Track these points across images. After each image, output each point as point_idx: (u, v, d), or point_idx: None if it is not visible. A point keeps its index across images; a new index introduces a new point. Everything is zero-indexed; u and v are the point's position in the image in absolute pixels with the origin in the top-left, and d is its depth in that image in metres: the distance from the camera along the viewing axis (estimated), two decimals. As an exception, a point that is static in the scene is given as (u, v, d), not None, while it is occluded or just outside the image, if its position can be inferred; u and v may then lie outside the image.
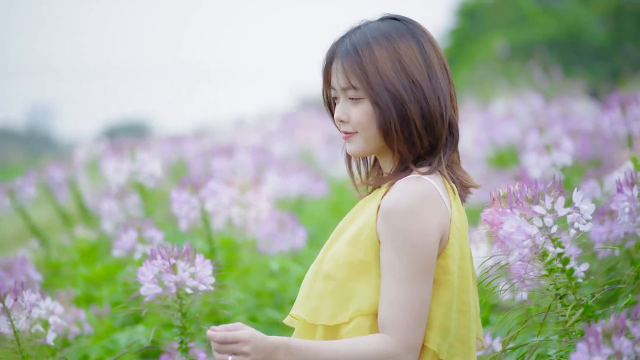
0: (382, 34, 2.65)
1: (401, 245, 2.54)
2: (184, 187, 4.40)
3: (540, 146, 4.77)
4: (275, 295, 4.88)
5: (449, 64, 2.73)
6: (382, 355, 2.54)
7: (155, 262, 3.18)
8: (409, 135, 2.62)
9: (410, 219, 2.54)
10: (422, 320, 2.56)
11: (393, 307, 2.55)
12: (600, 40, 22.78)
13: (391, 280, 2.56)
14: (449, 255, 2.60)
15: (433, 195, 2.58)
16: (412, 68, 2.62)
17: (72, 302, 4.06)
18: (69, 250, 5.93)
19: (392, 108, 2.61)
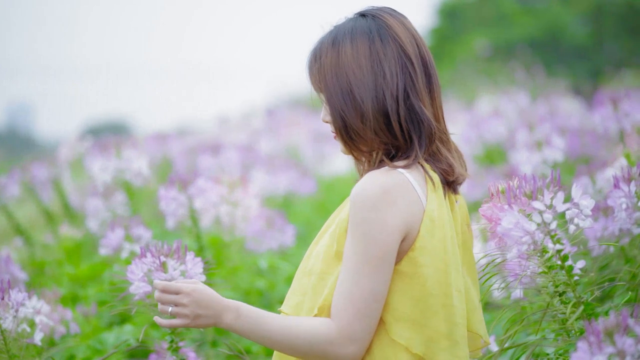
0: (336, 37, 2.70)
1: (356, 234, 2.55)
2: (172, 185, 4.34)
3: (530, 143, 4.73)
4: (264, 293, 4.82)
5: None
6: (321, 338, 2.56)
7: (145, 259, 3.13)
8: (357, 137, 2.65)
9: (366, 209, 2.54)
10: (368, 312, 2.54)
11: (339, 295, 2.56)
12: (581, 40, 22.85)
13: (343, 268, 2.57)
14: (418, 247, 2.58)
15: (400, 186, 2.57)
16: (349, 71, 2.65)
17: (58, 302, 4.00)
18: (54, 249, 5.85)
19: (336, 113, 2.66)
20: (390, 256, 2.56)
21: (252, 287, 4.80)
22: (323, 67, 2.69)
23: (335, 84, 2.66)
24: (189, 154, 8.45)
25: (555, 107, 8.02)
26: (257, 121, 13.25)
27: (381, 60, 2.65)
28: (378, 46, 2.66)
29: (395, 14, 2.74)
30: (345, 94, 2.64)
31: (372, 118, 2.62)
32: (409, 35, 2.70)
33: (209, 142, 8.00)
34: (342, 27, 2.73)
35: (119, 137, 6.36)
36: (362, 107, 2.63)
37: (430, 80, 2.70)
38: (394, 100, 2.63)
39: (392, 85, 2.64)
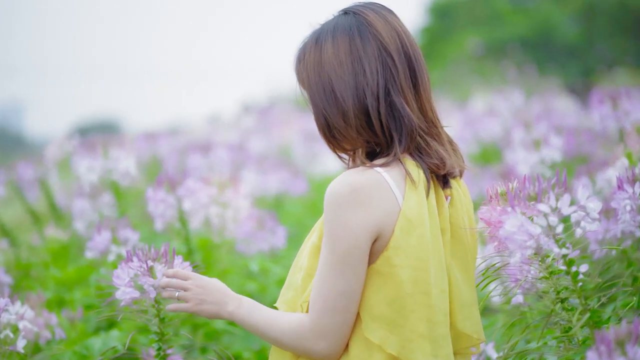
0: (319, 36, 2.71)
1: (326, 232, 2.57)
2: (161, 185, 4.21)
3: (527, 142, 4.62)
4: (255, 297, 4.70)
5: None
6: (296, 334, 2.61)
7: (132, 264, 3.01)
8: (340, 136, 2.66)
9: (334, 208, 2.55)
10: (336, 309, 2.55)
11: (313, 291, 2.59)
12: (572, 39, 22.82)
13: (318, 265, 2.60)
14: (392, 247, 2.55)
15: (372, 185, 2.56)
16: (330, 69, 2.66)
17: (43, 306, 3.88)
18: (40, 250, 5.72)
19: (319, 112, 2.67)
20: (358, 255, 2.55)
21: (243, 290, 4.67)
22: (306, 66, 2.70)
23: (318, 82, 2.67)
24: (179, 153, 8.31)
25: (550, 106, 7.91)
26: (249, 120, 13.16)
27: (361, 57, 2.65)
28: (358, 44, 2.66)
29: (378, 10, 2.72)
30: (328, 93, 2.65)
31: (353, 116, 2.62)
32: (390, 30, 2.68)
33: (199, 142, 7.89)
34: (325, 25, 2.73)
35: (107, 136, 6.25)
36: (344, 105, 2.63)
37: (414, 74, 2.68)
38: (375, 98, 2.62)
39: (372, 82, 2.63)
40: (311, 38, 2.74)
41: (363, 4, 2.74)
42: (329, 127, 2.66)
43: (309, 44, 2.73)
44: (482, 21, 24.67)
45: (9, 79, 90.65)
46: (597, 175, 4.28)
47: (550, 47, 22.76)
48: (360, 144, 2.66)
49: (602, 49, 22.43)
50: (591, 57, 22.30)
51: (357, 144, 2.67)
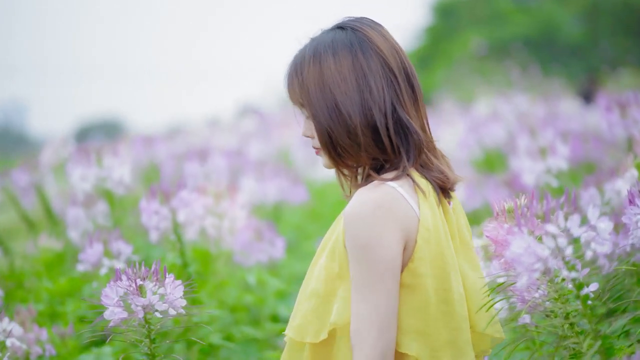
0: (317, 51, 2.68)
1: (357, 254, 2.52)
2: (154, 196, 4.07)
3: (533, 150, 4.48)
4: (252, 310, 4.57)
5: (420, 64, 2.64)
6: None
7: (121, 283, 2.89)
8: (345, 153, 2.64)
9: (361, 227, 2.52)
10: (385, 330, 2.51)
11: (355, 321, 2.53)
12: (576, 39, 22.73)
13: (353, 292, 2.54)
14: (417, 258, 2.55)
15: (392, 200, 2.55)
16: (334, 86, 2.63)
17: (34, 320, 3.75)
18: (34, 259, 5.59)
19: (322, 129, 2.64)
20: (396, 269, 2.53)
21: (240, 303, 4.55)
22: (305, 83, 2.67)
23: (320, 99, 2.64)
24: (176, 159, 8.15)
25: (555, 109, 7.76)
26: (248, 123, 13.04)
27: (366, 74, 2.64)
28: (361, 60, 2.65)
29: (374, 26, 2.73)
30: (331, 110, 2.62)
31: (360, 133, 2.61)
32: (390, 47, 2.69)
33: (197, 147, 7.76)
34: (321, 40, 2.71)
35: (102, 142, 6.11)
36: (350, 122, 2.61)
37: (414, 90, 2.69)
38: (382, 114, 2.62)
39: (379, 99, 2.62)
40: (308, 53, 2.70)
41: (357, 20, 2.74)
42: (332, 144, 2.64)
43: (306, 59, 2.69)
44: (485, 21, 24.61)
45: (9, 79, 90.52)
46: (605, 185, 4.15)
47: (553, 47, 22.69)
48: (365, 160, 2.65)
49: (605, 49, 22.34)
50: (595, 56, 22.21)
51: (361, 160, 2.66)
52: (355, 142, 2.62)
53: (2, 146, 32.40)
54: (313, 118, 2.66)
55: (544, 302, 2.64)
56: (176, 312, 2.88)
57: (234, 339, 4.32)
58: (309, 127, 2.71)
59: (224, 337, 4.23)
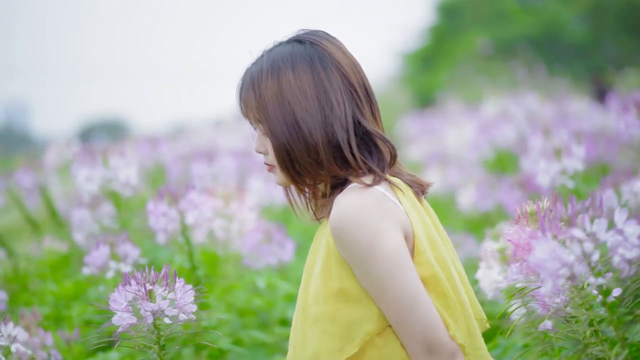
0: (274, 64, 2.62)
1: (362, 262, 2.46)
2: (162, 198, 3.97)
3: (548, 151, 4.38)
4: (261, 313, 4.48)
5: (423, 64, 2.58)
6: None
7: (129, 287, 2.80)
8: (303, 170, 2.59)
9: (356, 231, 2.45)
10: (426, 320, 2.46)
11: (396, 326, 2.47)
12: (580, 38, 22.64)
13: (380, 299, 2.48)
14: (420, 250, 2.51)
15: (376, 197, 2.50)
16: (294, 101, 2.57)
17: (39, 324, 3.66)
18: (39, 261, 5.50)
19: (280, 146, 2.58)
20: (407, 258, 2.47)
21: (249, 307, 4.46)
22: (263, 98, 2.60)
23: (279, 114, 2.57)
24: (182, 160, 8.03)
25: (565, 109, 7.66)
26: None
27: (327, 90, 2.58)
28: (322, 75, 2.59)
29: (332, 39, 2.68)
30: (291, 126, 2.56)
31: (321, 151, 2.55)
32: (349, 62, 2.65)
33: (202, 148, 7.65)
34: (278, 53, 2.64)
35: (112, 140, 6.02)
36: (310, 139, 2.55)
37: (371, 104, 2.65)
38: (344, 131, 2.56)
39: (341, 115, 2.57)
40: (265, 66, 2.62)
41: (314, 33, 2.69)
42: (291, 162, 2.58)
43: (263, 73, 2.62)
44: (489, 20, 24.52)
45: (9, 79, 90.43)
46: (622, 186, 4.07)
47: (557, 47, 22.60)
48: (323, 178, 2.60)
49: (610, 49, 22.25)
50: (599, 56, 22.13)
51: (319, 178, 2.60)
52: (315, 160, 2.56)
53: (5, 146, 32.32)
54: (270, 134, 2.59)
55: (565, 307, 2.57)
56: (187, 317, 2.80)
57: (242, 343, 4.24)
58: (263, 142, 2.65)
59: (233, 342, 4.15)
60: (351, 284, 2.50)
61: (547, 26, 23.10)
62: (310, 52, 2.61)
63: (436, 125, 11.37)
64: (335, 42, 2.67)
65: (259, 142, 2.66)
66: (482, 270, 3.45)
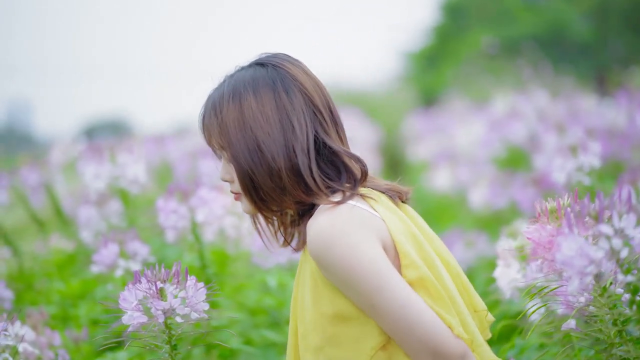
0: (236, 89, 2.58)
1: (347, 280, 2.41)
2: (172, 195, 3.88)
3: (564, 148, 4.31)
4: (272, 312, 4.41)
5: (428, 63, 2.53)
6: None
7: (140, 285, 2.73)
8: (267, 197, 2.56)
9: (333, 252, 2.40)
10: (425, 326, 2.40)
11: (397, 338, 2.43)
12: (585, 37, 22.56)
13: (373, 314, 2.43)
14: (404, 253, 2.46)
15: (348, 212, 2.46)
16: (256, 126, 2.53)
17: (47, 323, 3.59)
18: (44, 260, 5.43)
19: (243, 173, 2.55)
20: (390, 265, 2.42)
21: (259, 306, 4.38)
22: (225, 123, 2.56)
23: (241, 140, 2.53)
24: (189, 157, 7.95)
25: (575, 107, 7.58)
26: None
27: (289, 113, 2.54)
28: (284, 98, 2.55)
29: (294, 62, 2.65)
30: (253, 152, 2.52)
31: (285, 176, 2.52)
32: (313, 83, 2.62)
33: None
34: (240, 77, 2.61)
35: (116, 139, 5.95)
36: (273, 164, 2.52)
37: (336, 125, 2.62)
38: (305, 154, 2.53)
39: (302, 138, 2.53)
40: (226, 91, 2.58)
41: (276, 56, 2.65)
42: (255, 188, 2.55)
43: (225, 97, 2.58)
44: (493, 19, 24.45)
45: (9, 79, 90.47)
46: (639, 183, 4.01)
47: (562, 46, 22.54)
48: (288, 204, 2.56)
49: (616, 47, 22.18)
50: (604, 55, 22.06)
51: (284, 205, 2.57)
52: (279, 186, 2.52)
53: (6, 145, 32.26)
54: (233, 160, 2.55)
55: (588, 306, 2.51)
56: (198, 316, 2.73)
57: (253, 343, 4.16)
58: (228, 170, 2.61)
59: (243, 342, 4.07)
60: (344, 305, 2.46)
61: (552, 25, 23.04)
62: (272, 75, 2.58)
63: (444, 123, 11.30)
64: (298, 64, 2.64)
65: (224, 170, 2.63)
66: (500, 268, 3.37)
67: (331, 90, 2.75)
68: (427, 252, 2.53)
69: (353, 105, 14.27)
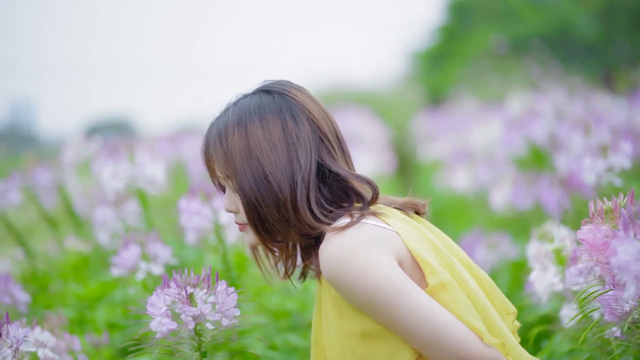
0: (242, 117, 2.51)
1: (365, 298, 2.34)
2: (195, 196, 3.77)
3: (593, 148, 4.19)
4: (294, 315, 4.31)
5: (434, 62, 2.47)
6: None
7: (169, 290, 2.63)
8: (272, 228, 2.51)
9: (351, 275, 2.35)
10: (451, 337, 2.32)
11: (426, 353, 2.35)
12: (591, 37, 22.49)
13: (398, 331, 2.36)
14: (427, 261, 2.40)
15: (359, 232, 2.40)
16: (262, 154, 2.47)
17: (64, 328, 3.48)
18: (57, 261, 5.32)
19: (249, 203, 2.49)
20: (408, 279, 2.35)
21: (282, 309, 4.28)
22: (230, 152, 2.50)
23: (247, 169, 2.48)
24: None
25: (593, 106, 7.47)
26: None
27: (295, 141, 2.49)
28: (291, 126, 2.50)
29: (299, 88, 2.60)
30: (260, 181, 2.47)
31: (290, 207, 2.47)
32: (319, 109, 2.56)
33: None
34: (245, 105, 2.55)
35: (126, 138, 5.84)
36: (280, 194, 2.47)
37: (343, 151, 2.58)
38: (305, 186, 2.47)
39: (305, 169, 2.48)
40: (231, 119, 2.51)
41: (279, 82, 2.60)
42: (260, 219, 2.50)
43: (230, 125, 2.50)
44: (499, 18, 24.41)
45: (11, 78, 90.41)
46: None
47: (568, 45, 22.48)
48: (294, 237, 2.52)
49: (623, 46, 22.11)
50: (611, 54, 22.00)
51: (289, 237, 2.52)
52: (285, 217, 2.47)
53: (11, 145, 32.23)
54: (239, 189, 2.49)
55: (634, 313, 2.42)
56: (229, 322, 2.62)
57: (276, 347, 4.06)
58: (233, 200, 2.55)
59: (267, 347, 3.97)
60: (370, 324, 2.41)
61: (558, 24, 22.99)
62: (278, 102, 2.53)
63: (455, 122, 11.20)
64: (303, 91, 2.59)
65: (228, 200, 2.57)
66: (537, 272, 3.26)
67: (338, 89, 2.69)
68: (447, 257, 2.47)
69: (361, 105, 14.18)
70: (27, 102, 53.52)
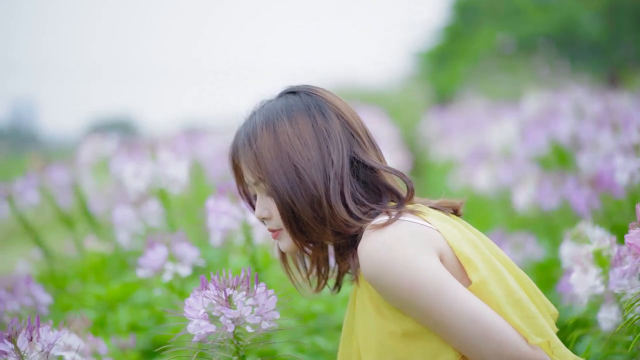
0: (269, 117, 2.48)
1: (409, 297, 2.29)
2: (223, 196, 3.69)
3: (626, 147, 4.12)
4: (322, 317, 4.23)
5: (439, 61, 2.42)
6: None
7: (207, 292, 2.55)
8: (308, 228, 2.45)
9: (392, 273, 2.30)
10: (497, 338, 2.26)
11: (470, 355, 2.30)
12: (596, 36, 22.47)
13: (442, 332, 2.32)
14: (469, 258, 2.35)
15: (399, 228, 2.35)
16: (293, 151, 2.42)
17: (88, 330, 3.40)
18: (76, 262, 5.25)
19: (283, 203, 2.44)
20: (449, 276, 2.30)
21: (309, 311, 4.20)
22: (261, 152, 2.45)
23: (278, 168, 2.43)
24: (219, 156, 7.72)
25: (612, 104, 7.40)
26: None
27: (326, 136, 2.44)
28: (320, 121, 2.46)
29: (325, 89, 2.57)
30: (292, 180, 2.42)
31: (325, 203, 2.41)
32: (347, 107, 2.53)
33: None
34: (271, 107, 2.51)
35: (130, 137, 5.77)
36: (314, 191, 2.41)
37: (374, 147, 2.54)
38: (338, 181, 2.42)
39: (338, 164, 2.43)
40: (258, 121, 2.46)
41: (304, 84, 2.57)
42: (295, 220, 2.44)
43: (258, 126, 2.46)
44: (504, 18, 24.41)
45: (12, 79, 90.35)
46: None
47: (573, 44, 22.47)
48: (329, 236, 2.46)
49: (628, 46, 22.09)
50: (616, 54, 21.99)
51: (325, 236, 2.46)
52: (319, 215, 2.41)
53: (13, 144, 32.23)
54: (272, 190, 2.44)
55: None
56: (269, 325, 2.55)
57: (304, 350, 3.99)
58: (266, 205, 2.50)
59: (295, 350, 3.89)
60: (411, 324, 2.36)
61: (563, 24, 22.99)
62: (306, 101, 2.50)
63: (467, 122, 11.13)
64: (329, 91, 2.56)
65: (261, 206, 2.51)
66: (577, 274, 3.18)
67: (346, 89, 2.64)
68: (486, 255, 2.42)
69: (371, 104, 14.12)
70: (29, 102, 53.52)
